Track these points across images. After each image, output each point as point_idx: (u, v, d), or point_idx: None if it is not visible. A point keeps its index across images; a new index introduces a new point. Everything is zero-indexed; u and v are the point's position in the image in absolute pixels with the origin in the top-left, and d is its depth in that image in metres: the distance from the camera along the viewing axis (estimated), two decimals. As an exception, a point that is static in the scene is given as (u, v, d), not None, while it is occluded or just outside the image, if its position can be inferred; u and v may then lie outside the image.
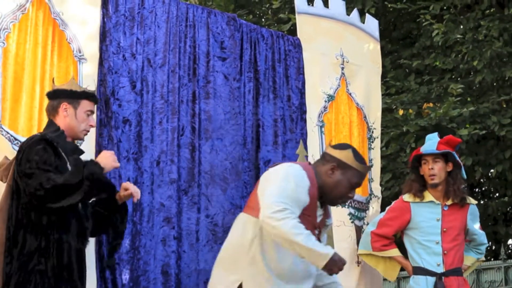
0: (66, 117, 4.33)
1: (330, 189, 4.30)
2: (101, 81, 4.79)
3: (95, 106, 4.46)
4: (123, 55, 4.89)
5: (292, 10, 9.37)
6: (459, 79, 10.83)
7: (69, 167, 4.15)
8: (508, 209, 12.06)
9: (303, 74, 5.80)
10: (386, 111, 9.92)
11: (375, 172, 6.14)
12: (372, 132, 6.15)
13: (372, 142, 6.13)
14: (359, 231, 5.78)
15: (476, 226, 5.55)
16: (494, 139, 10.52)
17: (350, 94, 6.05)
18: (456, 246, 5.41)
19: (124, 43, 4.91)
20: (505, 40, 10.79)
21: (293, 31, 9.19)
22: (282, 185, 4.09)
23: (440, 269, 5.34)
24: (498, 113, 10.23)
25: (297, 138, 5.63)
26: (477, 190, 13.81)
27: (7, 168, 4.24)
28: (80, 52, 4.76)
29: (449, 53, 11.52)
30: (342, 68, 6.06)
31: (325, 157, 4.37)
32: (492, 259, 12.14)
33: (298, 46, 5.84)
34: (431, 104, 10.49)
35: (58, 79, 4.55)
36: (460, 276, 5.41)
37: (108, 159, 4.14)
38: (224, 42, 5.39)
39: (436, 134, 5.58)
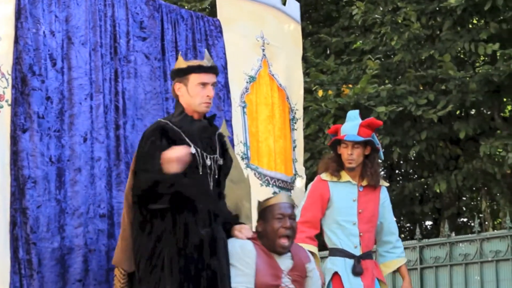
0: (182, 97, 4.54)
1: (269, 239, 4.72)
2: (17, 58, 4.68)
3: (211, 75, 4.54)
4: (44, 32, 4.80)
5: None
6: (377, 61, 10.96)
7: (193, 150, 4.37)
8: (425, 190, 12.29)
9: (226, 54, 5.79)
10: (306, 91, 9.99)
11: (299, 152, 6.18)
12: (295, 113, 6.18)
13: (295, 123, 6.16)
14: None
15: (388, 210, 5.54)
16: (411, 121, 10.71)
17: (272, 75, 6.07)
18: (371, 229, 5.44)
19: (43, 20, 4.82)
20: (422, 23, 10.97)
21: (214, 11, 9.16)
22: (233, 272, 4.55)
23: (358, 252, 5.35)
24: (415, 95, 10.40)
25: (226, 116, 5.62)
26: (396, 171, 14.06)
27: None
28: (-5, 31, 4.68)
29: (368, 35, 11.66)
30: (263, 50, 6.07)
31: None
32: (408, 238, 12.39)
33: (219, 27, 5.83)
34: (350, 86, 10.62)
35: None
36: (372, 259, 5.45)
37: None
38: (143, 22, 5.35)
39: (357, 113, 5.53)
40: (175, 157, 4.22)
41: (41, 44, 4.77)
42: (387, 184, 5.65)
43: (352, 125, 5.44)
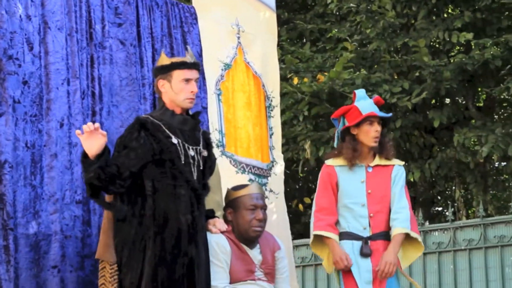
0: (166, 93, 4.60)
1: (240, 230, 4.78)
2: (-9, 42, 4.66)
3: (194, 71, 4.59)
4: (20, 16, 4.75)
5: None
6: (354, 43, 10.98)
7: (174, 140, 4.47)
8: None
9: (201, 41, 5.77)
10: (281, 78, 9.99)
11: (276, 139, 6.16)
12: (271, 100, 6.17)
13: (272, 110, 6.15)
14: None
15: (400, 188, 5.23)
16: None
17: (248, 63, 6.06)
18: (383, 209, 5.17)
19: (20, 4, 4.77)
20: (397, 12, 11.00)
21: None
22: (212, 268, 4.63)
23: (367, 233, 5.13)
24: (390, 83, 10.44)
25: (202, 103, 5.60)
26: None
27: None
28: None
29: (343, 23, 11.67)
30: (238, 38, 6.05)
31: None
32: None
33: (194, 14, 5.80)
34: (326, 73, 10.63)
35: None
36: (388, 240, 5.15)
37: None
38: (118, 8, 5.31)
39: (364, 91, 5.36)
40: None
41: (17, 28, 4.71)
42: (402, 163, 5.39)
43: (369, 102, 5.26)
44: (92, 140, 4.32)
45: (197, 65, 4.63)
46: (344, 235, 5.16)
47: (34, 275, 4.55)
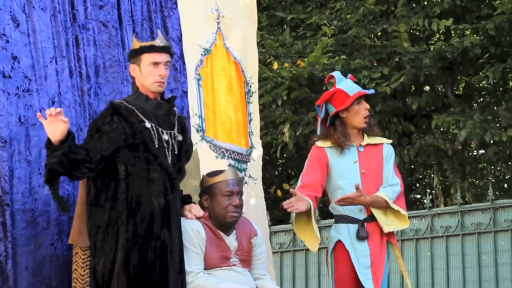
0: (137, 77, 4.60)
1: (217, 216, 4.78)
2: (-24, 17, 4.64)
3: (164, 54, 4.56)
4: (5, -8, 4.74)
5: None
6: (332, 27, 10.99)
7: (147, 125, 4.47)
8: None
9: (181, 26, 5.74)
10: (261, 63, 9.99)
11: (255, 125, 6.15)
12: (250, 86, 6.16)
13: (251, 96, 6.14)
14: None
15: (390, 166, 5.20)
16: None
17: (227, 48, 6.04)
18: (376, 188, 5.08)
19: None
20: (377, -2, 11.02)
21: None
22: (186, 254, 4.63)
23: (362, 215, 5.04)
24: (369, 70, 10.46)
25: (183, 88, 5.58)
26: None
27: None
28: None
29: (323, 10, 11.67)
30: (218, 23, 6.03)
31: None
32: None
33: (174, -2, 5.78)
34: (305, 59, 10.64)
35: None
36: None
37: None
38: (99, -10, 5.29)
39: (339, 72, 5.26)
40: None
41: (1, 5, 4.69)
42: (390, 141, 5.35)
43: (350, 83, 5.18)
44: (55, 126, 4.28)
45: (166, 49, 4.60)
46: (339, 218, 5.09)
47: (31, 251, 4.54)
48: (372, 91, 5.26)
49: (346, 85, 5.16)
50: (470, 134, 9.78)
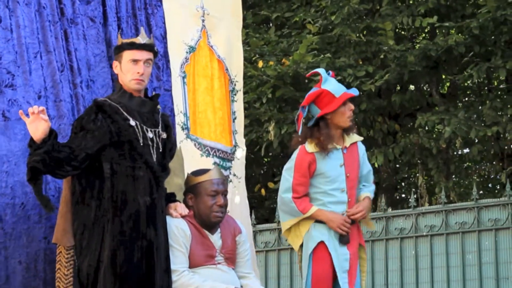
0: (119, 75, 4.59)
1: (201, 215, 4.77)
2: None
3: (144, 52, 4.55)
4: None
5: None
6: (317, 25, 11.00)
7: (132, 123, 4.46)
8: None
9: (165, 23, 5.72)
10: (246, 60, 9.98)
11: (239, 124, 6.13)
12: (235, 84, 6.14)
13: (235, 94, 6.12)
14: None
15: (366, 163, 5.27)
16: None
17: (211, 46, 6.02)
18: (355, 191, 5.17)
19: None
20: (363, -4, 11.02)
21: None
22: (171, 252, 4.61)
23: None
24: (354, 68, 10.46)
25: (165, 86, 5.56)
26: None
27: None
28: None
29: (308, 8, 11.67)
30: (203, 20, 6.00)
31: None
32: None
33: (159, -4, 5.76)
34: (291, 58, 10.63)
35: None
36: (355, 223, 5.16)
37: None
38: (86, -15, 5.27)
39: (324, 70, 5.25)
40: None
41: (-15, 1, 4.68)
42: (361, 138, 5.31)
43: (334, 83, 5.16)
44: (37, 124, 4.24)
45: (147, 46, 4.59)
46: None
47: (24, 245, 4.52)
48: (356, 91, 5.23)
49: (332, 85, 5.12)
50: (455, 130, 9.81)
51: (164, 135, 4.65)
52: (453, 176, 12.54)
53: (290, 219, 5.15)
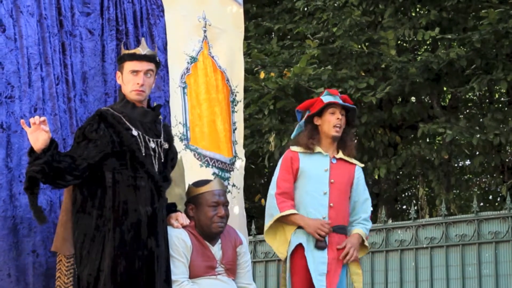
0: (122, 85, 4.61)
1: (202, 226, 4.78)
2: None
3: (145, 63, 4.57)
4: (-10, -3, 4.72)
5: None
6: (317, 40, 11.01)
7: (134, 133, 4.48)
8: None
9: (167, 34, 5.74)
10: (247, 72, 10.00)
11: (239, 135, 6.15)
12: (235, 95, 6.16)
13: (236, 105, 6.13)
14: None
15: (362, 189, 5.33)
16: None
17: (212, 57, 6.03)
18: (343, 201, 5.21)
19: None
20: (364, 9, 11.03)
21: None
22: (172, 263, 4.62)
23: None
24: (356, 80, 10.48)
25: (166, 97, 5.57)
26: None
27: None
28: None
29: (310, 20, 11.69)
30: (205, 31, 6.02)
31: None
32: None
33: (161, 6, 5.76)
34: (292, 69, 10.64)
35: None
36: (344, 234, 5.19)
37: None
38: (86, -3, 5.28)
39: (326, 91, 5.39)
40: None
41: (-11, 10, 4.69)
42: (362, 165, 5.46)
43: (333, 96, 5.31)
44: (38, 134, 4.25)
45: (147, 57, 4.61)
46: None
47: (13, 258, 4.50)
48: (348, 104, 5.34)
49: (328, 97, 5.33)
50: (457, 137, 9.83)
51: (166, 145, 4.66)
52: (454, 188, 12.53)
53: (269, 220, 5.20)
